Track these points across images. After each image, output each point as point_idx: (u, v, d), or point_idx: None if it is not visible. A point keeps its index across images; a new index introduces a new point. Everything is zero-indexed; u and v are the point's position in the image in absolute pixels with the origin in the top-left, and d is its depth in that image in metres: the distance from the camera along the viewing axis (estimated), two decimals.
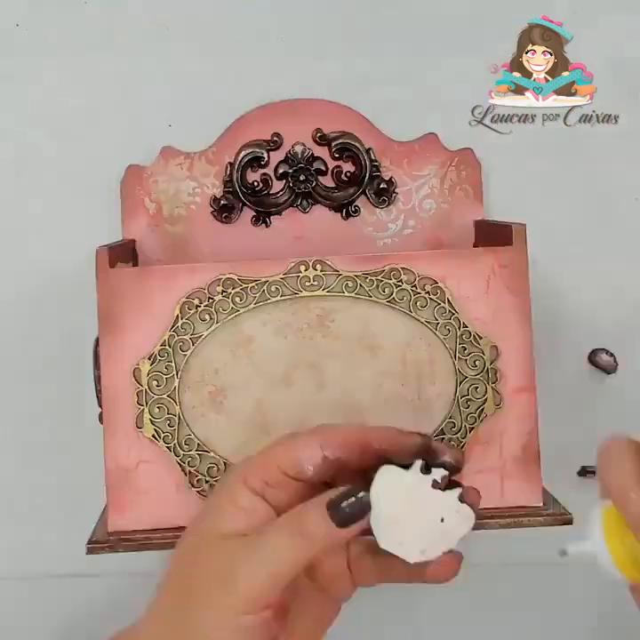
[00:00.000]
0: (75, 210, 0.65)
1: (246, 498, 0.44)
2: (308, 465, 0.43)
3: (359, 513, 0.41)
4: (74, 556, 0.56)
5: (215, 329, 0.54)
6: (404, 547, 0.42)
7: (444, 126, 0.65)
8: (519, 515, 0.54)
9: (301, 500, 0.43)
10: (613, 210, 0.67)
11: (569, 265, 0.67)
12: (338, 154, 0.64)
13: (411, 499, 0.42)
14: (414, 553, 0.42)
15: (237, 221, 0.65)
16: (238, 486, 0.44)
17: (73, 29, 0.65)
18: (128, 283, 0.54)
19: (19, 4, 0.65)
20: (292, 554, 0.41)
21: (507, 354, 0.55)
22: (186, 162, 0.64)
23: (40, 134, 0.65)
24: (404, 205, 0.65)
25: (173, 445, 0.54)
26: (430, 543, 0.42)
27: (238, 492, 0.44)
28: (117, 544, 0.53)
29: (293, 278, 0.55)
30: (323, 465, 0.44)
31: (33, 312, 0.66)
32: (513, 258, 0.55)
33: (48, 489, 0.66)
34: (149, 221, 0.64)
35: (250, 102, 0.64)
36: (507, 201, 0.66)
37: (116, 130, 0.65)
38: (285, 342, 0.55)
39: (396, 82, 0.66)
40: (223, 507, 0.44)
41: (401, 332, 0.55)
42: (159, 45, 0.65)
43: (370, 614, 0.69)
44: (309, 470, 0.43)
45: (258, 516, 0.43)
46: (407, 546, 0.42)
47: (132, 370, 0.54)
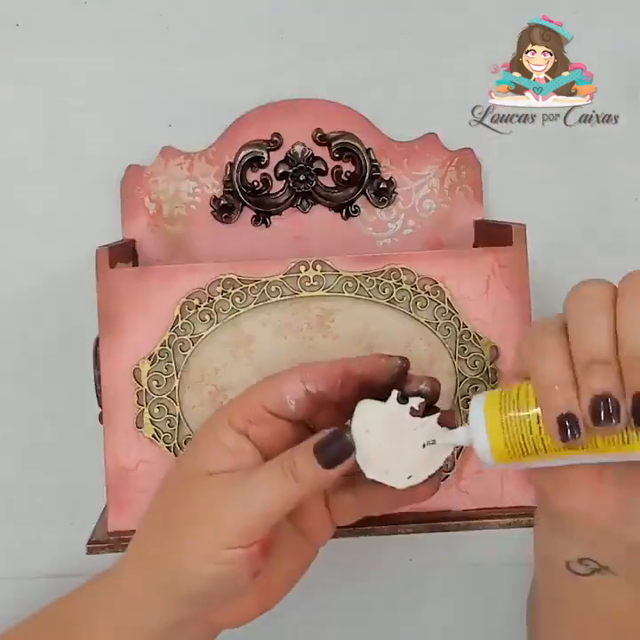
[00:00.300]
0: (75, 210, 0.65)
1: (231, 437, 0.44)
2: (290, 399, 0.44)
3: (344, 453, 0.43)
4: (74, 556, 0.56)
5: (215, 329, 0.54)
6: (391, 475, 0.43)
7: (443, 126, 0.65)
8: (519, 515, 0.54)
9: (284, 440, 0.45)
10: (613, 210, 0.67)
11: (569, 265, 0.67)
12: (338, 154, 0.64)
13: (391, 428, 0.43)
14: (401, 479, 0.43)
15: (237, 221, 0.65)
16: (223, 426, 0.45)
17: (73, 29, 0.65)
18: (128, 283, 0.54)
19: (19, 4, 0.65)
20: (284, 493, 0.42)
21: (506, 354, 0.55)
22: (186, 162, 0.64)
23: (40, 134, 0.65)
24: (404, 205, 0.65)
25: (173, 445, 0.54)
26: (415, 469, 0.43)
27: (223, 432, 0.45)
28: (117, 544, 0.53)
29: (293, 278, 0.55)
30: (305, 400, 0.44)
31: (33, 312, 0.66)
32: (513, 258, 0.55)
33: (48, 489, 0.66)
34: (149, 221, 0.64)
35: (250, 102, 0.64)
36: (507, 201, 0.66)
37: (116, 130, 0.65)
38: (285, 342, 0.55)
39: (396, 82, 0.66)
40: (208, 446, 0.45)
41: (401, 333, 0.55)
42: (159, 45, 0.65)
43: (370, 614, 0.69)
44: (292, 405, 0.44)
45: (242, 454, 0.44)
46: (393, 474, 0.43)
47: (132, 370, 0.54)
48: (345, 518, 0.48)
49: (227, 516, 0.43)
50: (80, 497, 0.63)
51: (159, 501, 0.46)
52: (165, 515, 0.45)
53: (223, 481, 0.44)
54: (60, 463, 0.66)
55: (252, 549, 0.43)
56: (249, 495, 0.43)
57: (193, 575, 0.43)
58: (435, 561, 0.69)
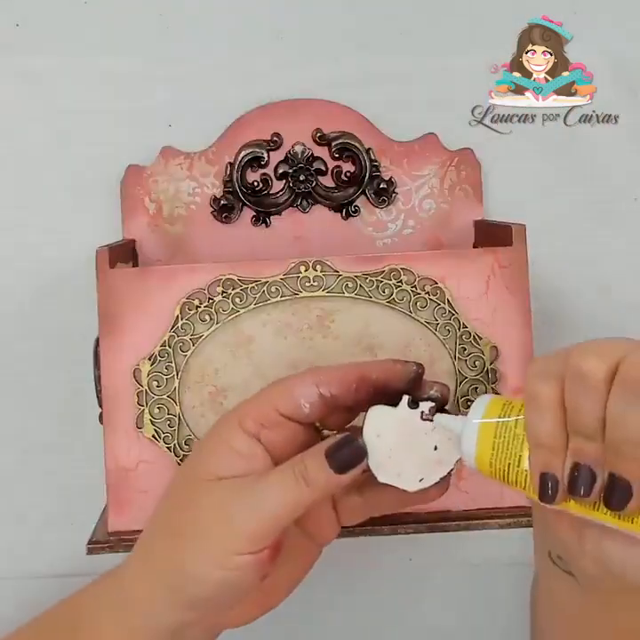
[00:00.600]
0: (75, 210, 0.65)
1: (243, 441, 0.44)
2: (304, 403, 0.44)
3: (356, 458, 0.43)
4: (74, 556, 0.56)
5: (215, 329, 0.54)
6: (403, 478, 0.44)
7: (443, 126, 0.65)
8: (519, 515, 0.54)
9: (295, 443, 0.45)
10: (613, 210, 0.67)
11: (569, 265, 0.67)
12: (338, 154, 0.64)
13: (403, 432, 0.44)
14: (413, 482, 0.44)
15: (237, 221, 0.65)
16: (233, 430, 0.44)
17: (73, 29, 0.65)
18: (128, 283, 0.54)
19: (19, 4, 0.65)
20: (295, 498, 0.42)
21: (506, 354, 0.55)
22: (186, 162, 0.64)
23: (40, 134, 0.65)
24: (404, 205, 0.65)
25: (173, 446, 0.54)
26: (427, 471, 0.44)
27: (234, 436, 0.44)
28: (117, 544, 0.53)
29: (293, 279, 0.55)
30: (318, 403, 0.44)
31: (33, 312, 0.66)
32: (513, 258, 0.55)
33: (48, 489, 0.66)
34: (149, 221, 0.64)
35: (250, 102, 0.64)
36: (507, 201, 0.66)
37: (116, 130, 0.65)
38: (285, 343, 0.55)
39: (396, 82, 0.66)
40: (218, 451, 0.45)
41: (401, 333, 0.55)
42: (159, 45, 0.65)
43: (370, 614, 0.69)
44: (306, 408, 0.44)
45: (254, 459, 0.44)
46: (405, 477, 0.44)
47: (132, 370, 0.54)
48: (351, 519, 0.48)
49: (237, 521, 0.42)
50: (80, 497, 0.64)
51: (166, 504, 0.46)
52: (173, 518, 0.45)
53: (233, 485, 0.43)
54: (60, 463, 0.66)
55: (260, 555, 0.42)
56: (259, 499, 0.42)
57: (201, 580, 0.43)
58: (435, 561, 0.69)
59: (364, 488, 0.47)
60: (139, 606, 0.45)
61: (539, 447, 0.39)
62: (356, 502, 0.47)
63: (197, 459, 0.46)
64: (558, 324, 0.67)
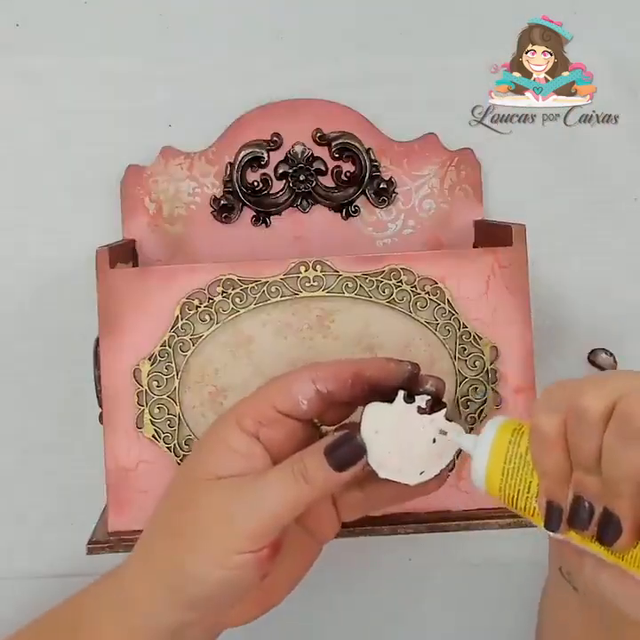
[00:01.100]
0: (75, 210, 0.65)
1: (241, 440, 0.44)
2: (302, 399, 0.44)
3: (355, 455, 0.43)
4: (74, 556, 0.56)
5: (215, 329, 0.54)
6: (403, 472, 0.44)
7: (443, 126, 0.65)
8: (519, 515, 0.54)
9: (293, 440, 0.45)
10: (613, 210, 0.67)
11: (569, 265, 0.67)
12: (338, 154, 0.64)
13: (400, 427, 0.44)
14: (414, 476, 0.44)
15: (237, 221, 0.65)
16: (232, 429, 0.45)
17: (73, 29, 0.65)
18: (128, 283, 0.54)
19: (19, 4, 0.65)
20: (294, 496, 0.43)
21: (506, 354, 0.55)
22: (186, 162, 0.64)
23: (40, 134, 0.65)
24: (404, 205, 0.65)
25: (173, 446, 0.54)
26: (427, 464, 0.44)
27: (232, 435, 0.44)
28: (117, 544, 0.53)
29: (293, 279, 0.55)
30: (316, 399, 0.44)
31: (33, 312, 0.66)
32: (513, 258, 0.55)
33: (48, 489, 0.66)
34: (149, 221, 0.64)
35: (250, 102, 0.64)
36: (507, 201, 0.66)
37: (116, 130, 0.65)
38: (285, 343, 0.55)
39: (396, 82, 0.66)
40: (217, 450, 0.45)
41: (401, 333, 0.55)
42: (159, 45, 0.65)
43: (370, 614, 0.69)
44: (303, 404, 0.44)
45: (253, 457, 0.44)
46: (406, 471, 0.44)
47: (132, 370, 0.54)
48: (352, 514, 0.49)
49: (236, 520, 0.43)
50: (80, 497, 0.63)
51: (166, 504, 0.46)
52: (173, 518, 0.45)
53: (233, 484, 0.43)
54: (60, 463, 0.66)
55: (261, 554, 0.43)
56: (259, 498, 0.43)
57: (201, 579, 0.43)
58: (434, 561, 0.69)
59: (364, 483, 0.47)
60: (139, 606, 0.45)
61: (545, 476, 0.40)
62: (356, 498, 0.47)
63: (196, 459, 0.46)
64: (558, 324, 0.67)
